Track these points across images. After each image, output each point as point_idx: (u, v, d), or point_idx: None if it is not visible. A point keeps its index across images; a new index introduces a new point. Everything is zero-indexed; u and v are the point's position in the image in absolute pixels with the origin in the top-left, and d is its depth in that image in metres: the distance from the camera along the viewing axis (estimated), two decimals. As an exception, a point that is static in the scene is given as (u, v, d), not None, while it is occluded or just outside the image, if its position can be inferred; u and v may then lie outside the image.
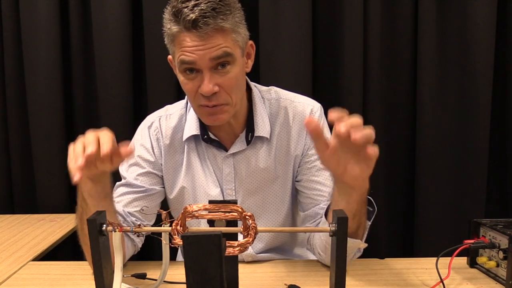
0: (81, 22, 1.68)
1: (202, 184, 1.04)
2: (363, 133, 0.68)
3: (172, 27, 0.88)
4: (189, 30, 0.85)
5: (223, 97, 0.91)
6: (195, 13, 0.83)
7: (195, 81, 0.90)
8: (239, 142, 1.02)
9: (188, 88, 0.91)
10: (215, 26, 0.85)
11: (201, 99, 0.91)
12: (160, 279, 0.82)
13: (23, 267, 1.06)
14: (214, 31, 0.85)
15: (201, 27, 0.84)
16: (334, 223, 0.67)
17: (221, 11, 0.85)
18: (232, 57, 0.89)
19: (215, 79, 0.89)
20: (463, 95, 1.62)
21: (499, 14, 1.58)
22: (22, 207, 1.75)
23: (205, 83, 0.88)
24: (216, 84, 0.88)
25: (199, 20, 0.83)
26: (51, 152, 1.69)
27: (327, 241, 0.91)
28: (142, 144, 1.05)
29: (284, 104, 1.05)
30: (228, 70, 0.90)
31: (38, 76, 1.66)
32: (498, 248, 0.89)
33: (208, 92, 0.88)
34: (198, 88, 0.90)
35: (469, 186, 1.65)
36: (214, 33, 0.85)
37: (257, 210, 1.05)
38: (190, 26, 0.84)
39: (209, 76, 0.88)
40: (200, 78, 0.89)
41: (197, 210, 0.67)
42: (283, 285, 0.90)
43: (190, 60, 0.87)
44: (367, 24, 1.59)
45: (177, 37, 0.88)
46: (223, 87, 0.90)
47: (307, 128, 0.73)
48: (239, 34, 0.91)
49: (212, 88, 0.88)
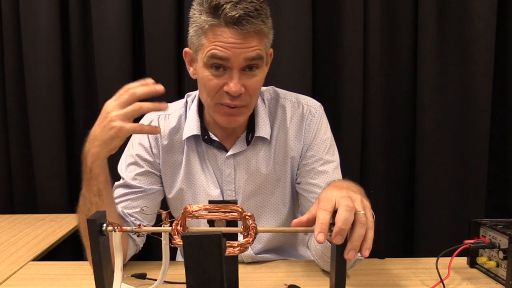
0: (81, 22, 1.68)
1: (202, 185, 1.03)
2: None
3: (208, 20, 0.85)
4: (229, 26, 0.84)
5: (246, 99, 0.91)
6: (239, 10, 0.82)
7: (222, 79, 0.88)
8: (240, 143, 1.02)
9: (212, 84, 0.89)
10: (256, 27, 0.85)
11: (224, 97, 0.90)
12: (160, 279, 0.82)
13: (23, 267, 1.06)
14: (254, 32, 0.85)
15: (244, 25, 0.83)
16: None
17: (262, 13, 0.85)
18: (262, 61, 0.90)
19: (243, 80, 0.88)
20: (463, 95, 1.63)
21: (499, 14, 1.58)
22: (22, 207, 1.75)
23: (234, 82, 0.87)
24: (242, 85, 0.88)
25: (243, 18, 0.83)
26: (51, 152, 1.69)
27: (323, 250, 0.91)
28: (140, 143, 1.04)
29: (282, 104, 1.04)
30: (256, 74, 0.90)
31: (38, 76, 1.67)
32: (498, 248, 0.89)
33: (236, 92, 0.87)
34: (222, 85, 0.89)
35: (469, 186, 1.65)
36: (253, 34, 0.85)
37: (257, 211, 1.04)
38: (232, 22, 0.83)
39: (238, 76, 0.87)
40: (227, 77, 0.88)
41: (197, 210, 0.67)
42: (283, 285, 0.90)
43: (224, 56, 0.86)
44: (367, 24, 1.60)
45: (212, 30, 0.85)
46: (248, 90, 0.90)
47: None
48: (269, 40, 0.92)
49: (240, 88, 0.88)
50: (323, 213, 0.66)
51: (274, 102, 1.05)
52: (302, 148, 1.03)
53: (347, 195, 0.69)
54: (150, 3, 1.61)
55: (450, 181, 1.66)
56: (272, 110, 1.04)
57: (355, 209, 0.66)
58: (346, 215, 0.65)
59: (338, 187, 0.76)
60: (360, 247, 0.66)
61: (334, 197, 0.68)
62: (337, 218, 0.65)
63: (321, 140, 1.02)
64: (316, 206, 0.70)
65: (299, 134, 1.03)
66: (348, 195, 0.70)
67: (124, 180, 1.02)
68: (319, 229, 0.65)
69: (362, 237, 0.66)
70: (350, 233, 0.66)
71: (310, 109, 1.04)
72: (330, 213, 0.66)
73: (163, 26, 1.61)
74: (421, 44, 1.61)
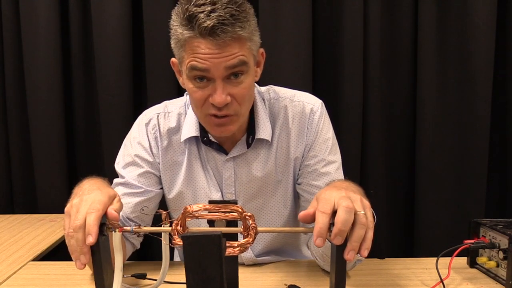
0: (81, 22, 1.68)
1: (203, 187, 1.02)
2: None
3: (184, 32, 0.83)
4: (205, 37, 0.81)
5: (234, 107, 0.88)
6: (212, 19, 0.79)
7: (206, 90, 0.86)
8: (240, 145, 1.00)
9: (197, 96, 0.87)
10: (233, 34, 0.81)
11: (210, 108, 0.88)
12: (160, 279, 0.82)
13: (23, 267, 1.06)
14: (232, 39, 0.81)
15: (219, 35, 0.80)
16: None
17: (239, 19, 0.81)
18: (246, 66, 0.86)
19: (228, 89, 0.85)
20: (463, 95, 1.63)
21: (499, 14, 1.58)
22: (22, 207, 1.75)
23: (218, 93, 0.84)
24: (228, 94, 0.85)
25: (216, 27, 0.79)
26: (51, 152, 1.69)
27: (324, 250, 0.90)
28: (139, 142, 1.02)
29: (283, 104, 1.02)
30: (242, 80, 0.86)
31: (38, 77, 1.67)
32: (498, 248, 0.89)
33: (221, 103, 0.85)
34: (208, 97, 0.86)
35: (469, 186, 1.65)
36: (231, 42, 0.82)
37: (258, 213, 1.03)
38: (206, 33, 0.80)
39: (222, 86, 0.84)
40: (211, 87, 0.85)
41: (197, 210, 0.67)
42: (283, 285, 0.90)
43: (204, 68, 0.83)
44: (367, 24, 1.60)
45: (189, 43, 0.83)
46: (235, 98, 0.87)
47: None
48: (254, 42, 0.88)
49: (225, 98, 0.84)
50: (321, 216, 0.66)
51: (275, 103, 1.03)
52: (304, 148, 1.01)
53: (346, 196, 0.69)
54: (150, 3, 1.61)
55: (450, 181, 1.66)
56: (273, 110, 1.02)
57: (355, 209, 0.66)
58: (346, 216, 0.65)
59: (337, 187, 0.76)
60: (359, 247, 0.66)
61: (333, 198, 0.68)
62: (336, 219, 0.65)
63: (323, 140, 1.01)
64: (315, 203, 0.70)
65: (301, 134, 1.01)
66: (348, 195, 0.69)
67: (124, 178, 1.01)
68: (317, 233, 0.65)
69: (361, 238, 0.66)
70: (350, 233, 0.66)
71: (311, 107, 1.02)
72: (329, 216, 0.66)
73: (163, 26, 1.60)
74: (421, 44, 1.61)
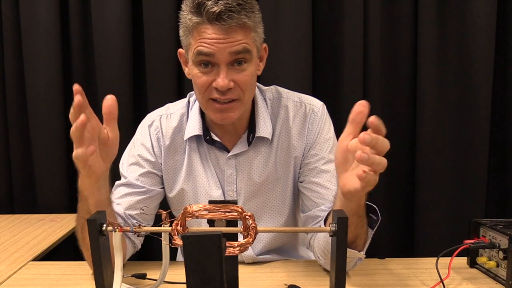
0: (81, 22, 1.68)
1: (204, 185, 1.03)
2: (370, 158, 0.68)
3: (193, 18, 0.87)
4: (212, 22, 0.85)
5: (237, 92, 0.91)
6: (220, 6, 0.83)
7: (210, 75, 0.89)
8: (241, 143, 1.02)
9: (202, 81, 0.90)
10: (238, 21, 0.85)
11: (213, 92, 0.90)
12: (160, 279, 0.82)
13: (23, 267, 1.06)
14: (237, 26, 0.85)
15: (226, 20, 0.84)
16: (334, 223, 0.67)
17: (245, 8, 0.86)
18: (250, 55, 0.89)
19: (231, 75, 0.89)
20: (463, 94, 1.63)
21: (499, 14, 1.58)
22: (22, 207, 1.75)
23: (221, 77, 0.87)
24: (231, 80, 0.89)
25: (224, 13, 0.83)
26: (51, 152, 1.69)
27: (326, 247, 0.90)
28: (142, 143, 1.05)
29: (284, 103, 1.04)
30: (245, 68, 0.90)
31: (38, 76, 1.67)
32: (498, 248, 0.89)
33: (224, 86, 0.88)
34: (211, 82, 0.89)
35: (469, 186, 1.65)
36: (236, 28, 0.86)
37: (259, 212, 1.04)
38: (213, 18, 0.84)
39: (225, 71, 0.88)
40: (215, 73, 0.89)
41: (197, 210, 0.67)
42: (283, 285, 0.90)
43: (209, 52, 0.86)
44: (367, 24, 1.60)
45: (196, 28, 0.87)
46: (238, 84, 0.90)
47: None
48: (258, 34, 0.91)
49: (228, 83, 0.88)
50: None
51: (277, 102, 1.05)
52: (304, 147, 1.03)
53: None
54: (150, 3, 1.61)
55: (450, 181, 1.66)
56: (275, 109, 1.04)
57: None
58: (386, 143, 0.72)
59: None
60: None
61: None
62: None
63: (324, 139, 1.03)
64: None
65: (302, 134, 1.03)
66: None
67: (126, 179, 1.02)
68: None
69: (382, 161, 0.71)
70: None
71: (313, 108, 1.04)
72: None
73: (163, 26, 1.61)
74: (421, 44, 1.60)
